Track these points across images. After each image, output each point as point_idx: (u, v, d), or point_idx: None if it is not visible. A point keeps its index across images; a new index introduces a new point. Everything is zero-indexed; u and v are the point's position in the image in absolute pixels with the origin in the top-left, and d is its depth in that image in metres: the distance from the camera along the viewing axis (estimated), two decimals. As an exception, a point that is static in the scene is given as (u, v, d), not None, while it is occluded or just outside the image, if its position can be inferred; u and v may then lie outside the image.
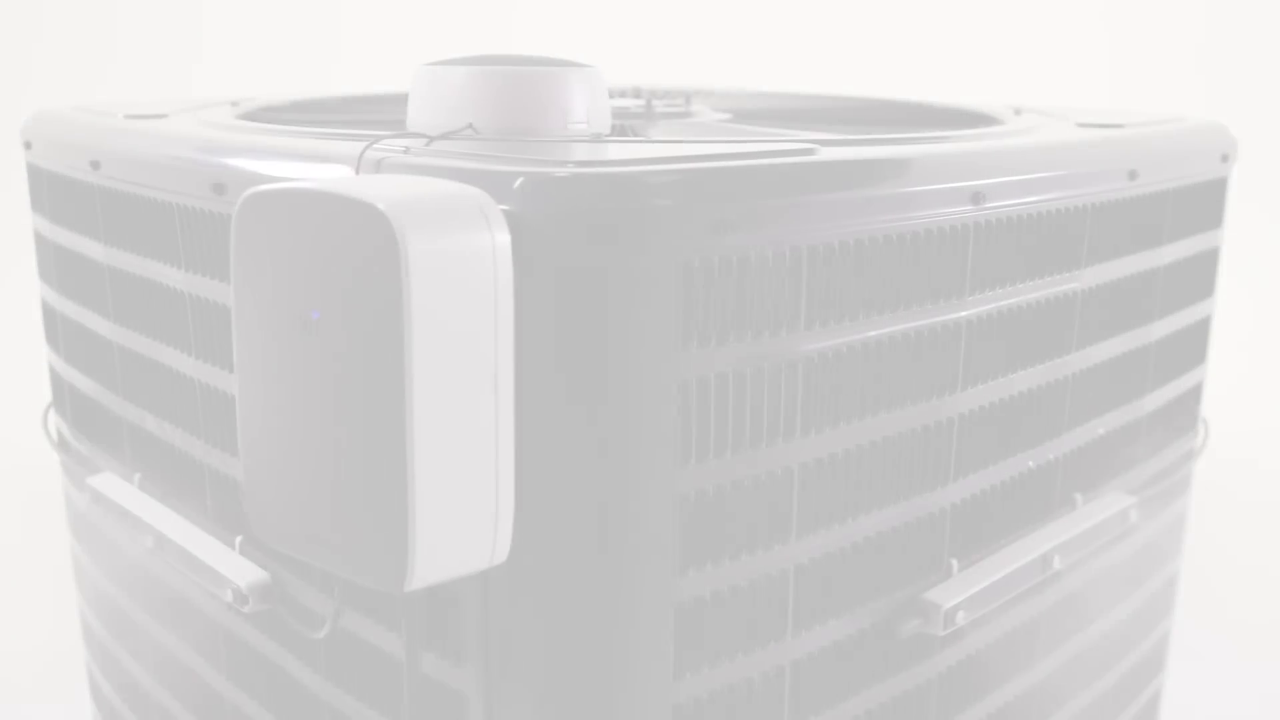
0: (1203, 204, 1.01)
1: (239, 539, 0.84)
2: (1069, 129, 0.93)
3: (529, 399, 0.60)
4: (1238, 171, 1.06)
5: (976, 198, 0.74)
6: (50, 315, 1.10)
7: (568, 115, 0.82)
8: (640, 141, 0.71)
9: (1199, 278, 1.05)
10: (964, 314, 0.76)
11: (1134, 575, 1.04)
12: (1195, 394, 1.09)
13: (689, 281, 0.60)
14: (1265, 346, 2.32)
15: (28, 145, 1.07)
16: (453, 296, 0.54)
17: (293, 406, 0.58)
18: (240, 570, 0.81)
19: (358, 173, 0.66)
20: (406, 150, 0.69)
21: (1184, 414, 1.08)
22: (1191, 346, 1.06)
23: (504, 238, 0.56)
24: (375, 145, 0.68)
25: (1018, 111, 1.11)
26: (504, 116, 0.81)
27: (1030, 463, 0.86)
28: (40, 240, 1.09)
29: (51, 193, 1.02)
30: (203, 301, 0.81)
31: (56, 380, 1.12)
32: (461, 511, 0.56)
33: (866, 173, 0.68)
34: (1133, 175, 0.88)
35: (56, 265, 1.05)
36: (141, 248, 0.87)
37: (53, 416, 1.16)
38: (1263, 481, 1.99)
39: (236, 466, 0.82)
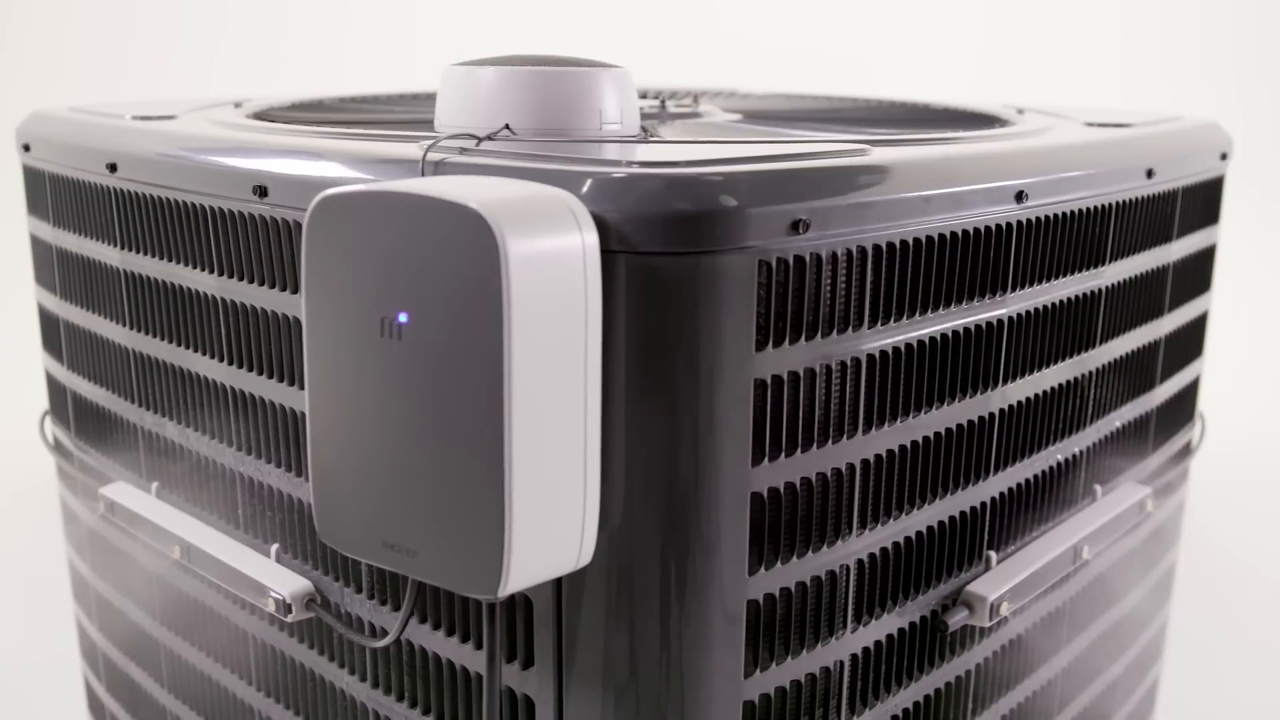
0: (1205, 201, 1.04)
1: (274, 547, 0.82)
2: (1083, 129, 0.95)
3: (606, 399, 0.60)
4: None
5: (1020, 196, 0.75)
6: (49, 321, 1.08)
7: (602, 116, 0.82)
8: (702, 142, 0.71)
9: (1200, 273, 1.08)
10: (1006, 311, 0.77)
11: (1143, 563, 1.07)
12: (1195, 387, 1.12)
13: (765, 281, 0.61)
14: (1240, 343, 2.38)
15: (25, 148, 1.04)
16: (548, 297, 0.54)
17: (373, 412, 0.58)
18: (280, 579, 0.79)
19: (422, 174, 0.66)
20: (463, 151, 0.68)
21: (1186, 407, 1.11)
22: (1193, 340, 1.09)
23: (593, 238, 0.56)
24: (436, 146, 0.67)
25: (1020, 111, 1.14)
26: (540, 117, 0.80)
27: (1059, 456, 0.88)
28: (38, 244, 1.07)
29: (55, 196, 1.00)
30: (237, 306, 0.79)
31: (55, 387, 1.09)
32: (553, 514, 0.56)
33: (924, 173, 0.69)
34: (1150, 174, 0.90)
35: (59, 269, 1.02)
36: (165, 251, 0.85)
37: (48, 424, 1.13)
38: (1251, 473, 2.04)
39: (272, 473, 0.80)
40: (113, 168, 0.88)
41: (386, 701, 0.76)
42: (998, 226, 0.75)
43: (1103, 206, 0.85)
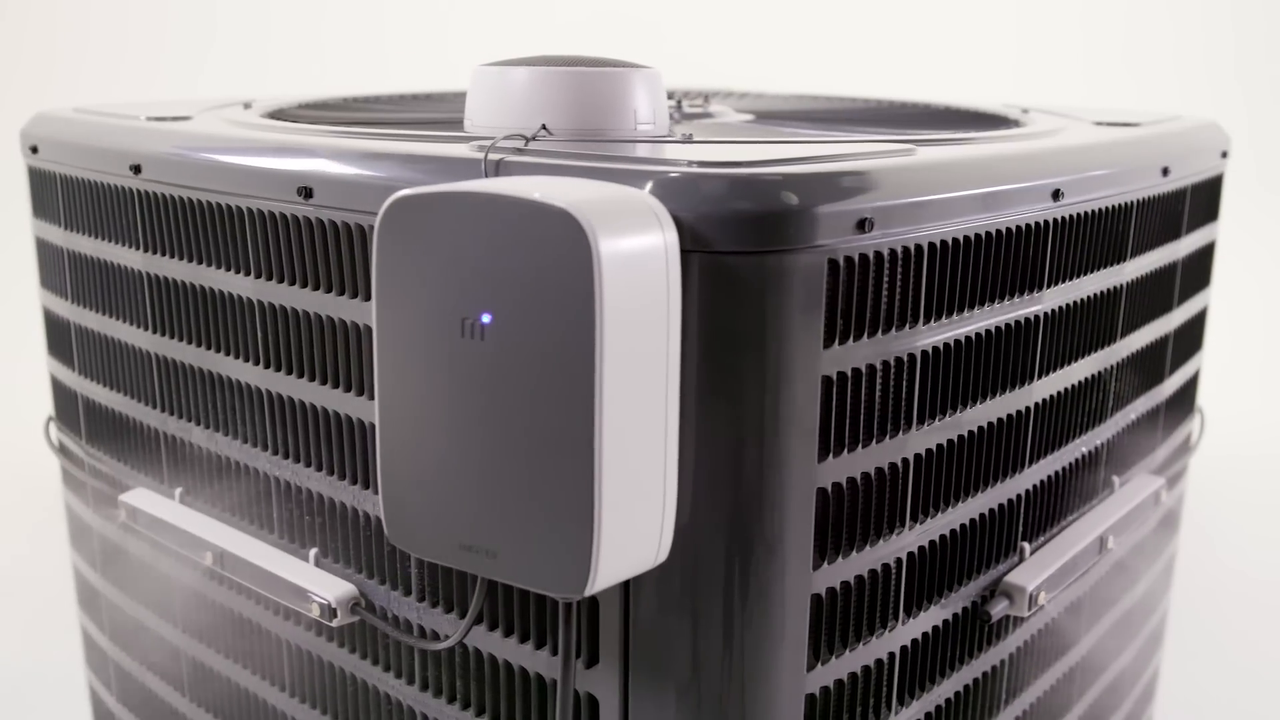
0: (1208, 198, 1.07)
1: (313, 551, 0.82)
2: (1097, 128, 0.97)
3: (681, 397, 0.60)
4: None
5: (1056, 195, 0.77)
6: (57, 326, 1.06)
7: (636, 116, 0.83)
8: (757, 142, 0.72)
9: (1203, 269, 1.10)
10: (1041, 307, 0.79)
11: (1151, 552, 1.09)
12: (1195, 380, 1.15)
13: (833, 278, 0.62)
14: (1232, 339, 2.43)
15: (33, 149, 1.02)
16: (635, 296, 0.54)
17: (451, 413, 0.57)
18: (323, 583, 0.79)
19: (485, 174, 0.66)
20: (520, 151, 0.68)
21: (1188, 400, 1.13)
22: (1195, 335, 1.12)
23: (673, 237, 0.56)
24: (496, 147, 0.67)
25: (1025, 111, 1.16)
26: (577, 117, 0.81)
27: (1083, 448, 0.89)
28: (45, 248, 1.05)
29: (68, 198, 0.98)
30: (275, 308, 0.79)
31: (63, 393, 1.07)
32: (636, 512, 0.57)
33: (973, 172, 0.71)
34: (1166, 172, 0.93)
35: (70, 273, 1.00)
36: (195, 254, 0.84)
37: (53, 430, 1.11)
38: (1242, 466, 2.09)
39: (312, 477, 0.80)
40: (137, 169, 0.87)
41: (436, 704, 0.76)
42: (1036, 224, 0.76)
43: (1125, 204, 0.87)
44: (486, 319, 0.55)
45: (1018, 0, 2.74)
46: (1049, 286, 0.79)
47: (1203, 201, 1.05)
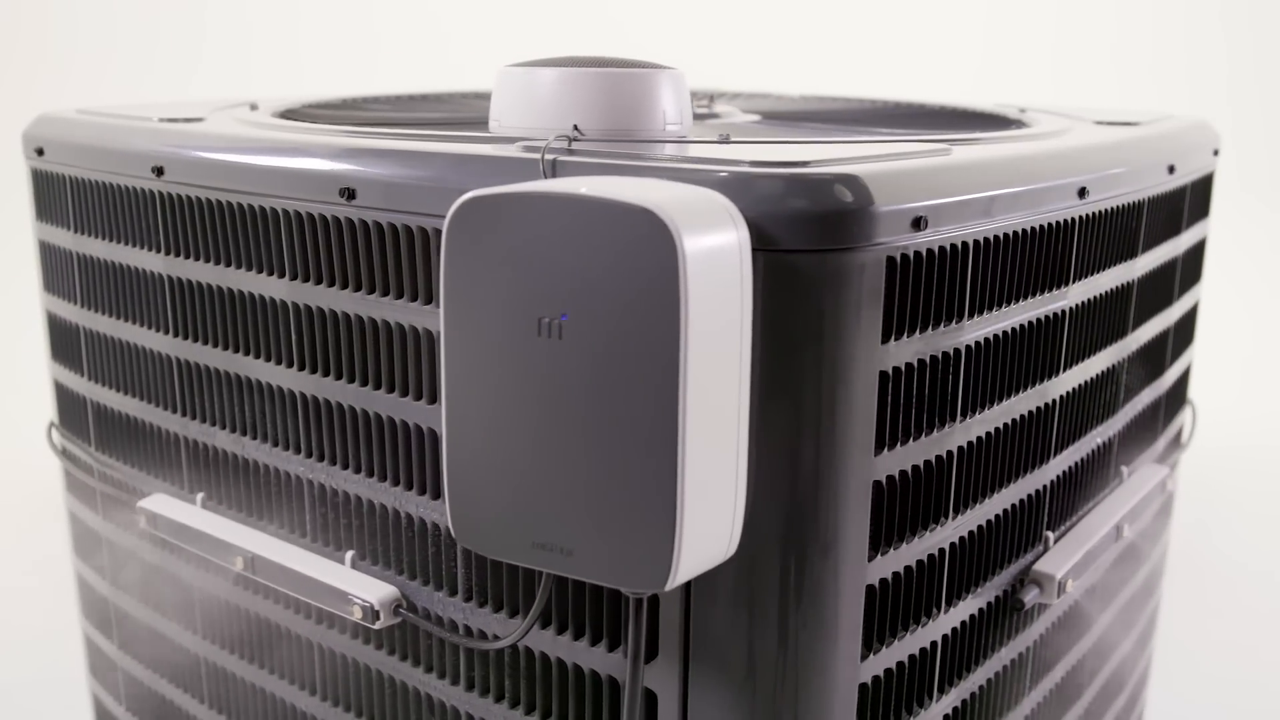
0: (1203, 195, 1.10)
1: (349, 554, 0.81)
2: (1101, 127, 1.00)
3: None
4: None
5: (1082, 192, 0.79)
6: (64, 331, 1.04)
7: (665, 116, 0.84)
8: (801, 142, 0.73)
9: (1196, 264, 1.14)
10: (1067, 303, 0.81)
11: (1150, 539, 1.12)
12: (1188, 374, 1.19)
13: (890, 276, 0.63)
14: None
15: (39, 152, 1.00)
16: (714, 294, 0.55)
17: (524, 412, 0.58)
18: (363, 585, 0.79)
19: (544, 175, 0.66)
20: (571, 151, 0.69)
21: (1182, 392, 1.17)
22: (1189, 328, 1.15)
23: (745, 235, 0.57)
24: (549, 148, 0.68)
25: (1023, 110, 1.18)
26: (607, 118, 0.82)
27: (1099, 439, 0.92)
28: (51, 251, 1.03)
29: (78, 201, 0.97)
30: (312, 310, 0.78)
31: (69, 398, 1.06)
32: (713, 506, 0.57)
33: (1011, 170, 0.72)
34: (1171, 169, 0.95)
35: (81, 277, 0.99)
36: (222, 256, 0.84)
37: (56, 436, 1.10)
38: (1228, 460, 2.14)
39: (349, 479, 0.80)
40: (159, 171, 0.86)
41: (483, 703, 0.76)
42: (1064, 222, 0.78)
43: (1138, 201, 0.90)
44: (565, 317, 0.56)
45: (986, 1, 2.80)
46: (1074, 282, 0.81)
47: (1199, 198, 1.08)
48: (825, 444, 0.63)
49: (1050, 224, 0.76)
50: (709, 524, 0.57)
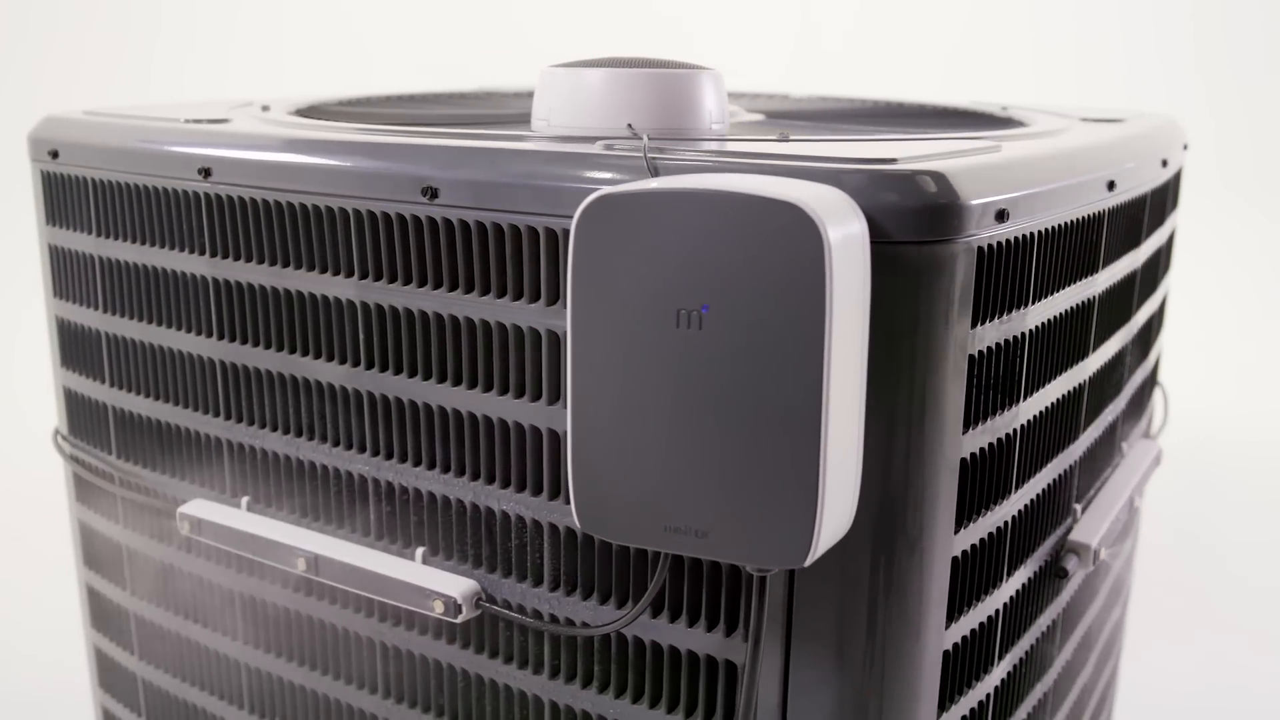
0: (1177, 188, 1.18)
1: (420, 550, 0.82)
2: (1098, 125, 1.06)
3: (852, 379, 0.64)
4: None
5: (1111, 185, 0.85)
6: (80, 337, 1.02)
7: (711, 115, 0.87)
8: (866, 139, 0.76)
9: (1170, 253, 1.21)
10: (1096, 290, 0.86)
11: (1133, 515, 1.19)
12: (1159, 357, 1.26)
13: (979, 265, 0.67)
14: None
15: (52, 154, 0.98)
16: (849, 284, 0.58)
17: (660, 401, 0.60)
18: (441, 580, 0.80)
19: (651, 173, 0.68)
20: (663, 151, 0.71)
21: (1156, 374, 1.24)
22: (1163, 313, 1.23)
23: (865, 227, 0.61)
24: (651, 147, 0.70)
25: (1004, 108, 1.24)
26: (658, 117, 0.84)
27: (1110, 417, 0.98)
28: (65, 256, 1.01)
29: (103, 204, 0.95)
30: (383, 309, 0.79)
31: (84, 405, 1.03)
32: (843, 484, 0.61)
33: (1061, 166, 0.77)
34: (1164, 163, 1.02)
35: (104, 281, 0.97)
36: (279, 257, 0.83)
37: (64, 444, 1.07)
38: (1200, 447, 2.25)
39: (421, 476, 0.80)
40: (206, 173, 0.85)
41: (568, 690, 0.78)
42: (1098, 213, 0.84)
43: (1144, 193, 0.96)
44: (705, 309, 0.58)
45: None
46: (1101, 269, 0.87)
47: (1175, 190, 1.16)
48: (919, 424, 0.67)
49: (1089, 215, 0.81)
50: (840, 500, 0.61)
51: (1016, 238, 0.71)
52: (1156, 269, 1.10)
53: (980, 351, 0.69)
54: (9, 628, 1.59)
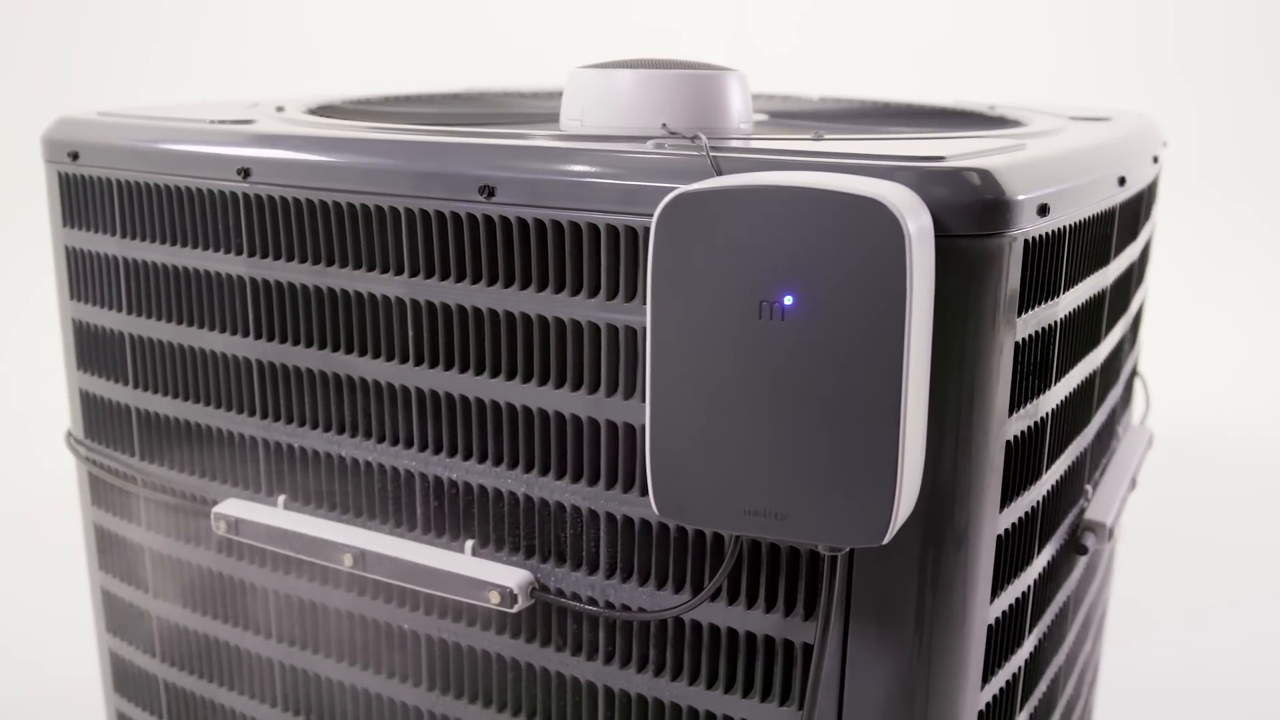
0: (1158, 183, 1.23)
1: (469, 543, 0.84)
2: (1090, 123, 1.11)
3: (912, 366, 0.68)
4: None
5: (1121, 181, 0.89)
6: (100, 339, 1.01)
7: (739, 115, 0.90)
8: (905, 138, 0.80)
9: (1150, 247, 1.27)
10: (1107, 280, 0.91)
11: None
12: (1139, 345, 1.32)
13: (1025, 258, 0.71)
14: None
15: (72, 156, 0.98)
16: (924, 275, 0.61)
17: (741, 389, 0.63)
18: (494, 571, 0.81)
19: (717, 172, 0.70)
20: (715, 149, 0.74)
21: (1138, 362, 1.30)
22: (1144, 304, 1.29)
23: (930, 222, 0.64)
24: (712, 146, 0.72)
25: (992, 107, 1.29)
26: (690, 116, 0.87)
27: (1112, 402, 1.03)
28: (85, 258, 1.00)
29: (129, 205, 0.95)
30: (435, 306, 0.80)
31: (102, 408, 1.03)
32: (914, 465, 0.64)
33: (1088, 161, 0.81)
34: (1155, 160, 1.07)
35: (129, 282, 0.96)
36: (323, 256, 0.84)
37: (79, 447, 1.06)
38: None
39: (472, 469, 0.82)
40: (245, 173, 0.86)
41: (624, 675, 0.80)
42: (1111, 208, 0.88)
43: (1142, 188, 1.01)
44: (788, 301, 0.61)
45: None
46: (1111, 261, 0.92)
47: (1158, 187, 1.21)
48: (968, 409, 0.70)
49: (1106, 210, 0.86)
50: (912, 480, 0.64)
51: (1055, 230, 0.74)
52: (1145, 261, 1.15)
53: (1023, 339, 0.73)
54: (8, 633, 1.56)
